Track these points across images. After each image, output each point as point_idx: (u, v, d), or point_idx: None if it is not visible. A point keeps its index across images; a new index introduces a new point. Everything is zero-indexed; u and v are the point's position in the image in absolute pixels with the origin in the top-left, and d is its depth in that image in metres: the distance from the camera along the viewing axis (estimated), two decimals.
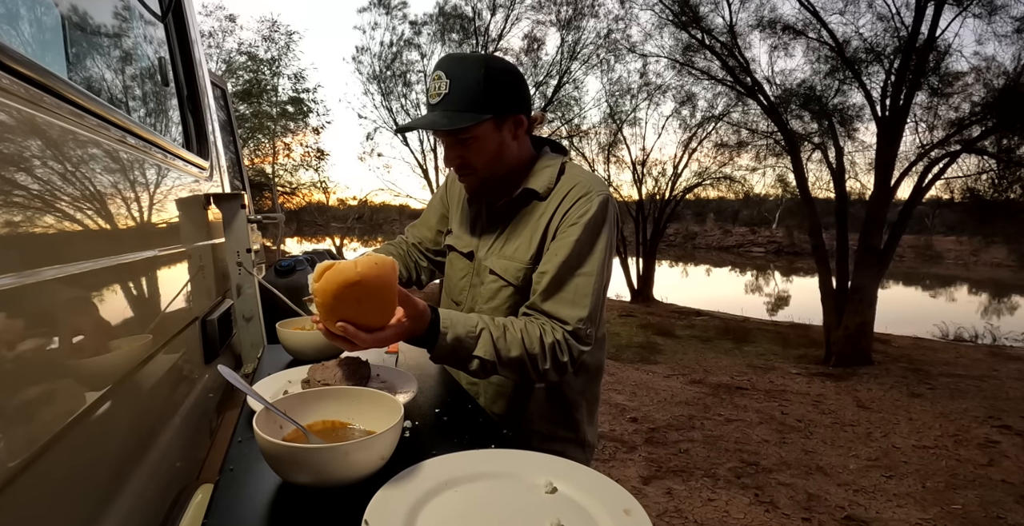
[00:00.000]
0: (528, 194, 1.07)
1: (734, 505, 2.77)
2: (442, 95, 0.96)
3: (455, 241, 1.21)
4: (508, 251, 1.08)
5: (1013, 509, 2.78)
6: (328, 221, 14.87)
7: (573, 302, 0.98)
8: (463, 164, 1.04)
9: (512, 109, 1.01)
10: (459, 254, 1.20)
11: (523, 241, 1.06)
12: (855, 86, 6.65)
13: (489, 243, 1.13)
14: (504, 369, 0.94)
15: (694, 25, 7.33)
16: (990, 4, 6.17)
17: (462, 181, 1.09)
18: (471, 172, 1.05)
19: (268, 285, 1.41)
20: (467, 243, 1.18)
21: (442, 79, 0.96)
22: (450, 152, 1.03)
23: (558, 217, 1.03)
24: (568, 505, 0.59)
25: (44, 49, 0.65)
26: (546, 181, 1.07)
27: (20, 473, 0.41)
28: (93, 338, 0.57)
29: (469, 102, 0.96)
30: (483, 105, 0.97)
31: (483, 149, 1.01)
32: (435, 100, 0.97)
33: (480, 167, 1.04)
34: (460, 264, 1.20)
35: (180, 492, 0.76)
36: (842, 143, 6.78)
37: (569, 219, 1.02)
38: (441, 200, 1.31)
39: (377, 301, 0.80)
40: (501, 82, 0.98)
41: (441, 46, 11.25)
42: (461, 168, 1.05)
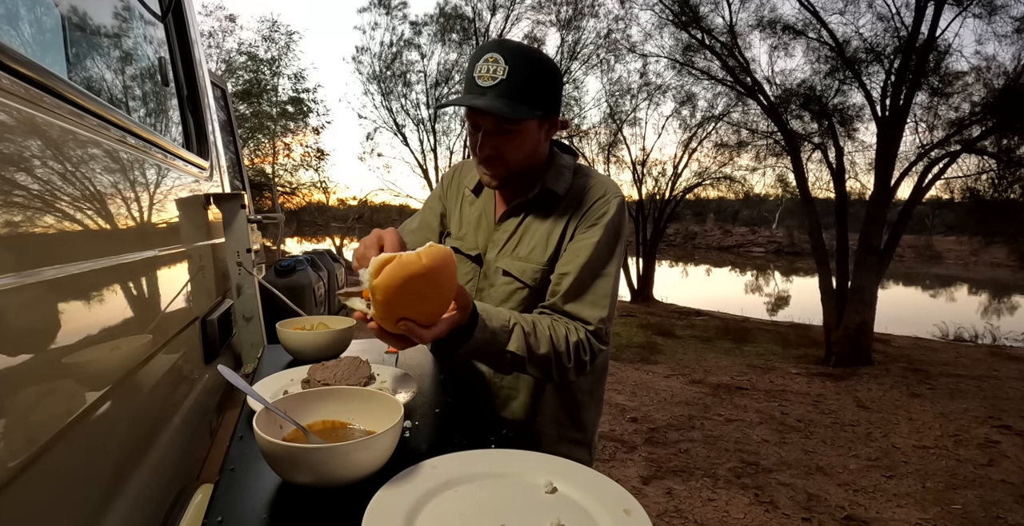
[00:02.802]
0: (546, 195, 1.05)
1: (734, 505, 2.77)
2: (498, 80, 0.91)
3: (458, 243, 1.16)
4: (522, 252, 1.06)
5: (1013, 509, 2.78)
6: (328, 221, 14.87)
7: (594, 303, 0.98)
8: (495, 156, 0.99)
9: (555, 109, 1.00)
10: (464, 257, 1.15)
11: (539, 242, 1.04)
12: (855, 86, 6.65)
13: (500, 244, 1.09)
14: (531, 366, 0.93)
15: (694, 25, 7.33)
16: (990, 4, 6.17)
17: (488, 172, 1.03)
18: (501, 164, 1.00)
19: (268, 285, 1.41)
20: (472, 245, 1.14)
21: (499, 63, 0.91)
22: (487, 141, 0.98)
23: (576, 218, 1.02)
24: (568, 505, 0.59)
25: (44, 49, 0.65)
26: (564, 182, 1.05)
27: (20, 473, 0.41)
28: (93, 338, 0.57)
29: (526, 94, 0.92)
30: (537, 100, 0.94)
31: (522, 144, 0.98)
32: (487, 83, 0.92)
33: (512, 161, 1.00)
34: (464, 267, 1.15)
35: (180, 492, 0.76)
36: (842, 143, 6.78)
37: (588, 220, 1.01)
38: (439, 200, 1.26)
39: (439, 294, 0.74)
40: (553, 80, 0.97)
41: (441, 46, 11.27)
42: (491, 159, 1.00)
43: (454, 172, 1.25)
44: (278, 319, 1.19)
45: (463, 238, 1.16)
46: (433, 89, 11.54)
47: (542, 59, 0.95)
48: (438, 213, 1.24)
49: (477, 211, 1.15)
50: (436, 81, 11.49)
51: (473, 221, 1.15)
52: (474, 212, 1.16)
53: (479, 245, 1.12)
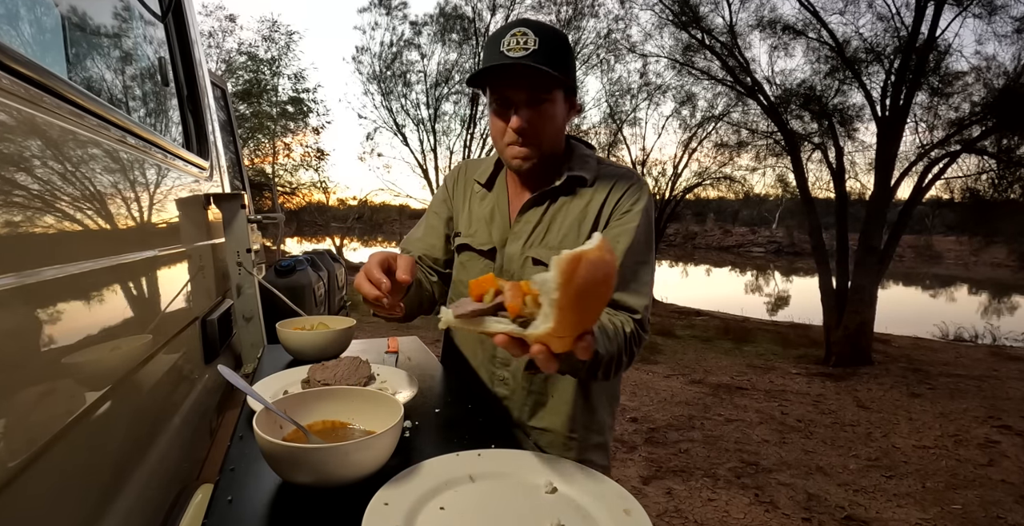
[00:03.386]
0: (573, 181, 1.03)
1: (734, 505, 2.77)
2: (530, 50, 0.91)
3: (468, 240, 1.12)
4: (552, 241, 1.02)
5: (1013, 509, 2.78)
6: (328, 221, 14.87)
7: (638, 291, 0.96)
8: (526, 131, 0.96)
9: (574, 89, 1.00)
10: (476, 253, 1.10)
11: (570, 230, 1.02)
12: (855, 86, 6.65)
13: (524, 235, 1.05)
14: (603, 366, 0.84)
15: (694, 25, 7.33)
16: (990, 4, 6.17)
17: (519, 154, 0.99)
18: (532, 142, 0.97)
19: (268, 285, 1.41)
20: (485, 240, 1.09)
21: (529, 36, 0.92)
22: (521, 114, 0.95)
23: (609, 205, 1.01)
24: (568, 505, 0.59)
25: (44, 49, 0.65)
26: (591, 169, 1.03)
27: (20, 473, 0.41)
28: (93, 338, 0.57)
29: (556, 64, 0.92)
30: (564, 72, 0.94)
31: (552, 118, 0.97)
32: (519, 54, 0.91)
33: (544, 138, 0.98)
34: (478, 265, 1.10)
35: (180, 492, 0.76)
36: (842, 143, 6.78)
37: (623, 207, 1.00)
38: (444, 202, 1.20)
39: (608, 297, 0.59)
40: (573, 58, 0.98)
41: (441, 46, 11.27)
42: (523, 133, 0.96)
43: (458, 171, 1.21)
44: (278, 319, 1.19)
45: (474, 234, 1.12)
46: (433, 89, 11.54)
47: (565, 36, 0.97)
48: (444, 218, 1.19)
49: (489, 205, 1.11)
50: (436, 81, 11.49)
51: (485, 216, 1.11)
52: (485, 207, 1.12)
53: (493, 239, 1.09)
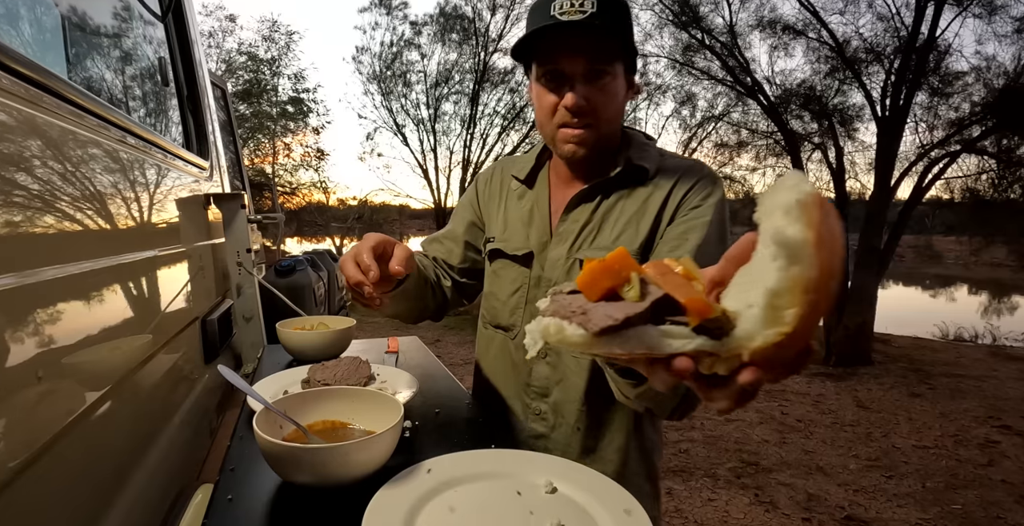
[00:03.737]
0: (632, 172, 0.89)
1: (734, 505, 2.76)
2: (587, 13, 0.77)
3: (502, 244, 0.98)
4: (605, 240, 0.89)
5: (1013, 509, 2.78)
6: (328, 221, 14.86)
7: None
8: (584, 109, 0.82)
9: (635, 64, 0.87)
10: (509, 260, 0.97)
11: (626, 227, 0.88)
12: (855, 86, 6.65)
13: (571, 236, 0.91)
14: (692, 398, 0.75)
15: (694, 25, 7.33)
16: (990, 4, 6.17)
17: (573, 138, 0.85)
18: (591, 123, 0.84)
19: (268, 285, 1.41)
20: (521, 244, 0.96)
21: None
22: (578, 88, 0.81)
23: (674, 200, 0.87)
24: (568, 505, 0.59)
25: (44, 49, 0.65)
26: (652, 158, 0.90)
27: (20, 473, 0.41)
28: (93, 338, 0.57)
29: (616, 31, 0.79)
30: (624, 42, 0.81)
31: (613, 95, 0.84)
32: (574, 17, 0.77)
33: (603, 116, 0.84)
34: (510, 273, 0.97)
35: (180, 492, 0.76)
36: (842, 143, 6.79)
37: (690, 202, 0.87)
38: (471, 204, 1.08)
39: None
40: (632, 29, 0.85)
41: (441, 46, 11.26)
42: (580, 112, 0.83)
43: (492, 170, 1.09)
44: (278, 319, 1.19)
45: (508, 239, 0.98)
46: (433, 89, 11.53)
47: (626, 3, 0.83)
48: (467, 222, 1.07)
49: (527, 205, 0.98)
50: (436, 81, 11.49)
51: (524, 217, 0.98)
52: (523, 206, 0.99)
53: (530, 243, 0.95)
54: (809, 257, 0.30)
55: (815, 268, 0.30)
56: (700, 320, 0.34)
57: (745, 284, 0.35)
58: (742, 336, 0.33)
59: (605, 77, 0.81)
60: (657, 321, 0.36)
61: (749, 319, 0.33)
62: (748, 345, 0.33)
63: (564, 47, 0.80)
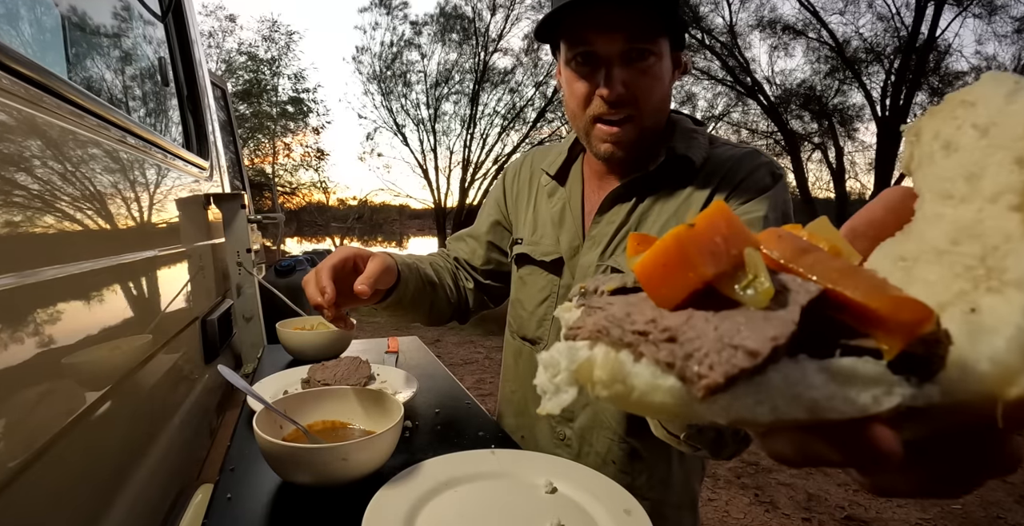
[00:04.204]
0: (676, 164, 0.76)
1: (734, 505, 2.77)
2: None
3: (530, 248, 0.88)
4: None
5: (1013, 509, 2.78)
6: (328, 221, 14.87)
7: None
8: (625, 99, 0.70)
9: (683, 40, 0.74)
10: (537, 266, 0.87)
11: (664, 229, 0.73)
12: (855, 86, 6.66)
13: (604, 240, 0.80)
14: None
15: (694, 25, 7.33)
16: (990, 4, 6.18)
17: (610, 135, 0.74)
18: (630, 117, 0.72)
19: (268, 285, 1.41)
20: (551, 248, 0.86)
21: None
22: (616, 73, 0.69)
23: (723, 192, 0.75)
24: (568, 505, 0.59)
25: (44, 49, 0.65)
26: (700, 149, 0.77)
27: (20, 473, 0.41)
28: (93, 338, 0.57)
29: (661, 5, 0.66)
30: (670, 15, 0.68)
31: (660, 76, 0.71)
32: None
33: (646, 106, 0.72)
34: (539, 281, 0.87)
35: (180, 492, 0.76)
36: (842, 143, 6.80)
37: (744, 193, 0.74)
38: (497, 203, 0.98)
39: None
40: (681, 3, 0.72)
41: (441, 46, 11.27)
42: (620, 104, 0.71)
43: (520, 163, 0.98)
44: (278, 319, 1.19)
45: (538, 241, 0.88)
46: (433, 89, 11.53)
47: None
48: (491, 221, 0.98)
49: (559, 204, 0.87)
50: (436, 81, 11.49)
51: (554, 217, 0.87)
52: (554, 205, 0.87)
53: (560, 247, 0.85)
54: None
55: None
56: (908, 341, 0.16)
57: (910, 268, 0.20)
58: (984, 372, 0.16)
59: (649, 58, 0.69)
60: (813, 349, 0.17)
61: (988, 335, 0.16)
62: (1004, 392, 0.16)
63: (597, 23, 0.68)
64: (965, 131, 0.20)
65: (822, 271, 0.18)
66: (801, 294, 0.18)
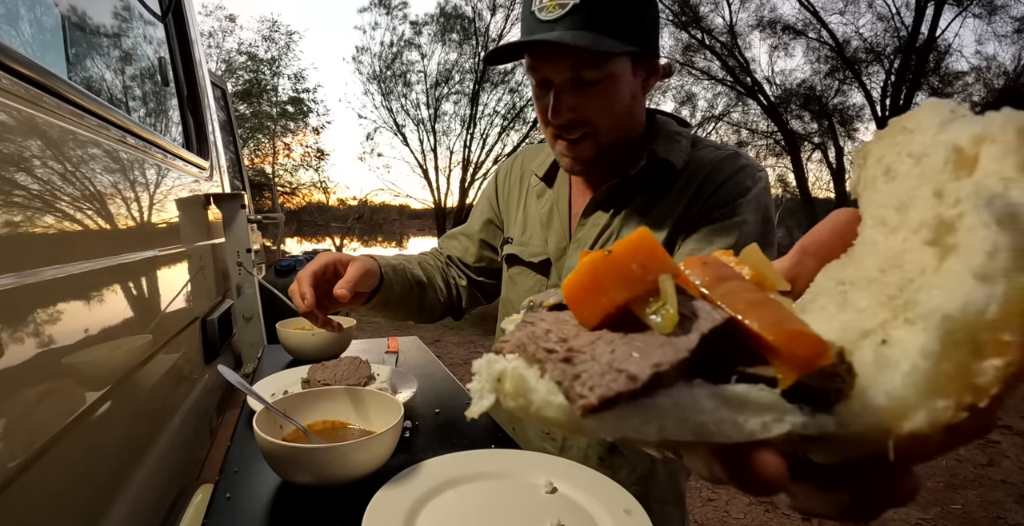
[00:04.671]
0: (657, 168, 0.77)
1: (734, 505, 2.77)
2: (569, 6, 0.66)
3: (519, 249, 0.90)
4: None
5: (1013, 509, 2.78)
6: (328, 221, 14.87)
7: None
8: (576, 121, 0.72)
9: (653, 47, 0.72)
10: (525, 267, 0.90)
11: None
12: (855, 86, 6.67)
13: (588, 242, 0.82)
14: None
15: (694, 25, 7.34)
16: (990, 4, 6.19)
17: (570, 150, 0.76)
18: (586, 134, 0.73)
19: (268, 285, 1.41)
20: (539, 249, 0.88)
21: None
22: (564, 99, 0.71)
23: (703, 198, 0.75)
24: (568, 505, 0.59)
25: (44, 49, 0.65)
26: (681, 152, 0.77)
27: (20, 473, 0.41)
28: (93, 338, 0.57)
29: (611, 22, 0.66)
30: (627, 31, 0.67)
31: (613, 98, 0.71)
32: (553, 14, 0.66)
33: (603, 126, 0.73)
34: (528, 282, 0.90)
35: (180, 492, 0.76)
36: (842, 143, 6.81)
37: (722, 198, 0.74)
38: (489, 201, 1.00)
39: None
40: (646, 5, 0.70)
41: (441, 46, 11.27)
42: (573, 127, 0.73)
43: (513, 161, 0.99)
44: (278, 319, 1.19)
45: (527, 242, 0.90)
46: (433, 89, 11.54)
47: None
48: (484, 219, 1.00)
49: (547, 205, 0.89)
50: (436, 81, 11.49)
51: (542, 218, 0.88)
52: (543, 206, 0.89)
53: (548, 248, 0.86)
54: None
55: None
56: (802, 373, 0.17)
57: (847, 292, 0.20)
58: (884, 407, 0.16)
59: (600, 82, 0.70)
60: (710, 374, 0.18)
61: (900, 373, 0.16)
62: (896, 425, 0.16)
63: (543, 52, 0.69)
64: (902, 159, 0.20)
65: (732, 300, 0.19)
66: (706, 322, 0.19)
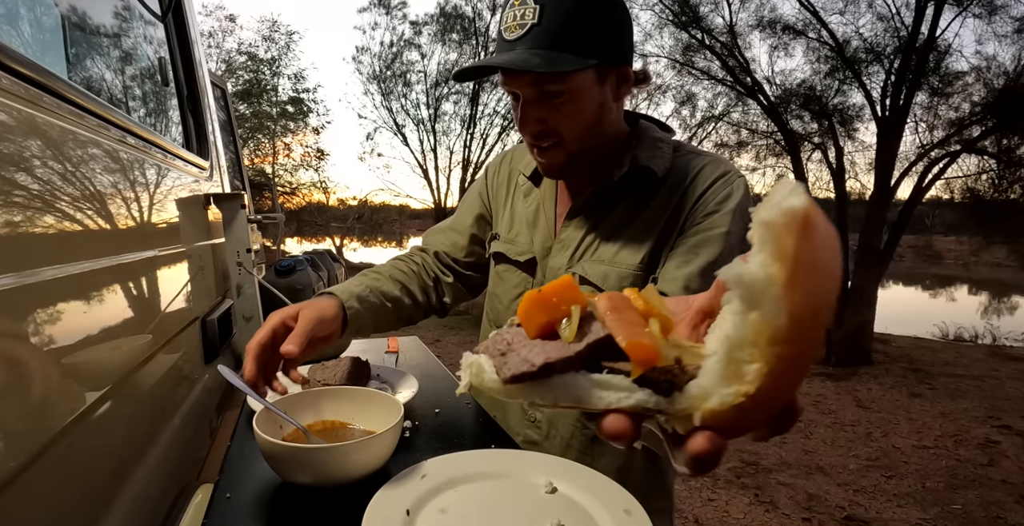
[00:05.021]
0: (639, 175, 0.80)
1: (734, 505, 2.76)
2: (528, 27, 0.69)
3: (506, 247, 0.93)
4: (606, 254, 0.82)
5: (1013, 509, 2.78)
6: (328, 221, 14.87)
7: None
8: (546, 131, 0.76)
9: (620, 56, 0.75)
10: (512, 265, 0.93)
11: (630, 239, 0.81)
12: (855, 86, 6.66)
13: (572, 245, 0.85)
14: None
15: (694, 25, 7.33)
16: (990, 4, 6.18)
17: (542, 156, 0.80)
18: (556, 143, 0.77)
19: (268, 285, 1.41)
20: (525, 248, 0.91)
21: (528, 4, 0.69)
22: (529, 112, 0.75)
23: (687, 205, 0.78)
24: (568, 505, 0.59)
25: (44, 49, 0.65)
26: (663, 158, 0.81)
27: (20, 473, 0.41)
28: (93, 338, 0.57)
29: (570, 38, 0.69)
30: (586, 45, 0.70)
31: (578, 109, 0.75)
32: (515, 34, 0.70)
33: (570, 135, 0.77)
34: (513, 279, 0.93)
35: (180, 492, 0.76)
36: (842, 143, 6.80)
37: (705, 206, 0.77)
38: (480, 196, 1.02)
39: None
40: (610, 15, 0.72)
41: (441, 46, 11.27)
42: (542, 136, 0.77)
43: (502, 159, 1.01)
44: None
45: (513, 240, 0.93)
46: (433, 89, 11.53)
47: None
48: (475, 214, 1.01)
49: (533, 204, 0.92)
50: (436, 81, 11.49)
51: (528, 217, 0.91)
52: (529, 206, 0.92)
53: (534, 247, 0.90)
54: (775, 300, 0.22)
55: (784, 314, 0.22)
56: (643, 369, 0.27)
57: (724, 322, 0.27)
58: (696, 394, 0.26)
59: (562, 95, 0.73)
60: (594, 367, 0.30)
61: (707, 372, 0.26)
62: (700, 405, 0.26)
63: (507, 69, 0.72)
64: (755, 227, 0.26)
65: (614, 323, 0.30)
66: (593, 335, 0.30)
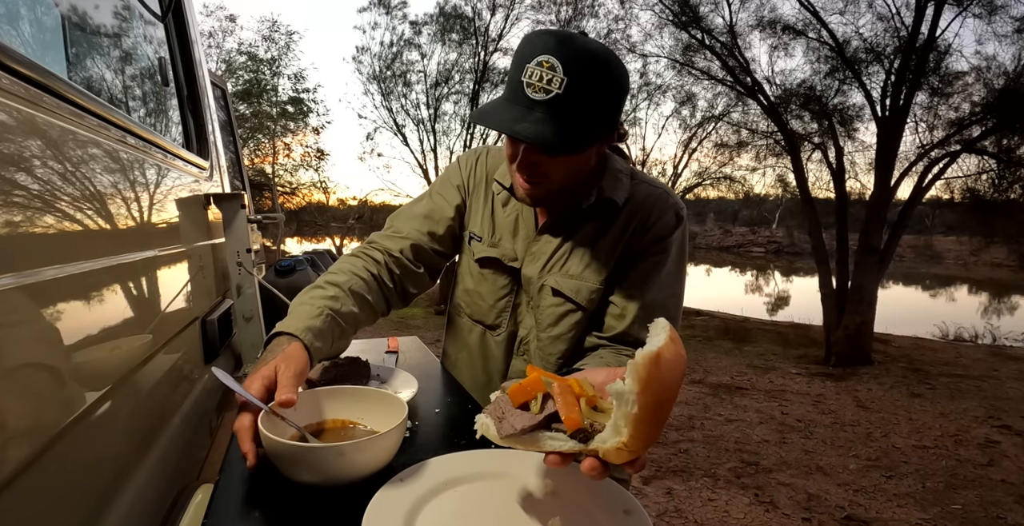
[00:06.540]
0: (604, 204, 0.92)
1: (734, 505, 2.76)
2: (551, 95, 0.73)
3: (494, 251, 1.00)
4: (574, 269, 0.93)
5: (1013, 509, 2.78)
6: (328, 221, 14.87)
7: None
8: (537, 173, 0.84)
9: (615, 127, 0.85)
10: (500, 269, 1.00)
11: (595, 258, 0.93)
12: (855, 86, 6.66)
13: (543, 258, 0.96)
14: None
15: (694, 25, 7.32)
16: (990, 4, 6.18)
17: (526, 191, 0.87)
18: (542, 182, 0.85)
19: (268, 285, 1.41)
20: (511, 255, 0.99)
21: (557, 72, 0.72)
22: (528, 158, 0.82)
23: (641, 234, 0.92)
24: (568, 505, 0.59)
25: (44, 49, 0.65)
26: (623, 189, 0.93)
27: (20, 473, 0.41)
28: (93, 338, 0.57)
29: (586, 118, 0.76)
30: (598, 126, 0.79)
31: (575, 166, 0.85)
32: (538, 95, 0.74)
33: (558, 179, 0.85)
34: (501, 280, 1.01)
35: (180, 492, 0.76)
36: (842, 143, 6.79)
37: (655, 235, 0.91)
38: (457, 189, 1.04)
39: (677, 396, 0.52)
40: (621, 98, 0.80)
41: (441, 46, 11.26)
42: (533, 176, 0.84)
43: (478, 158, 1.05)
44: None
45: (498, 245, 1.00)
46: (433, 89, 11.52)
47: (610, 72, 0.75)
48: (453, 204, 1.04)
49: (512, 214, 1.00)
50: (436, 81, 11.48)
51: (509, 226, 0.99)
52: (509, 216, 1.00)
53: (518, 256, 0.98)
54: (633, 402, 0.45)
55: (637, 406, 0.45)
56: (572, 429, 0.50)
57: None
58: (598, 441, 0.49)
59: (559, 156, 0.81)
60: (549, 427, 0.52)
61: (605, 431, 0.48)
62: (601, 447, 0.48)
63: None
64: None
65: (561, 402, 0.52)
66: (549, 410, 0.52)
